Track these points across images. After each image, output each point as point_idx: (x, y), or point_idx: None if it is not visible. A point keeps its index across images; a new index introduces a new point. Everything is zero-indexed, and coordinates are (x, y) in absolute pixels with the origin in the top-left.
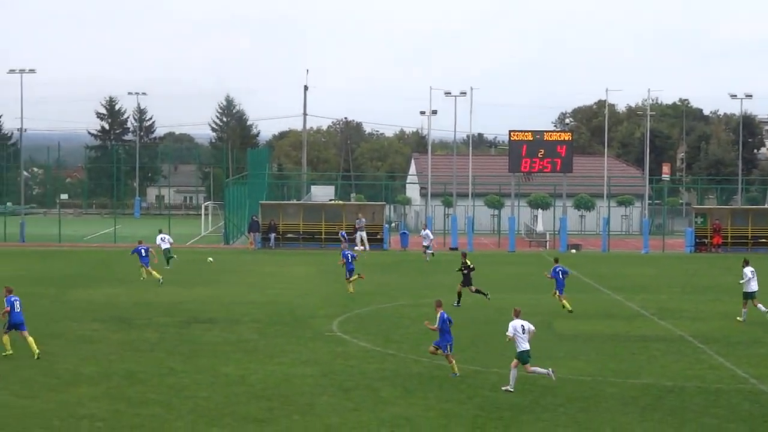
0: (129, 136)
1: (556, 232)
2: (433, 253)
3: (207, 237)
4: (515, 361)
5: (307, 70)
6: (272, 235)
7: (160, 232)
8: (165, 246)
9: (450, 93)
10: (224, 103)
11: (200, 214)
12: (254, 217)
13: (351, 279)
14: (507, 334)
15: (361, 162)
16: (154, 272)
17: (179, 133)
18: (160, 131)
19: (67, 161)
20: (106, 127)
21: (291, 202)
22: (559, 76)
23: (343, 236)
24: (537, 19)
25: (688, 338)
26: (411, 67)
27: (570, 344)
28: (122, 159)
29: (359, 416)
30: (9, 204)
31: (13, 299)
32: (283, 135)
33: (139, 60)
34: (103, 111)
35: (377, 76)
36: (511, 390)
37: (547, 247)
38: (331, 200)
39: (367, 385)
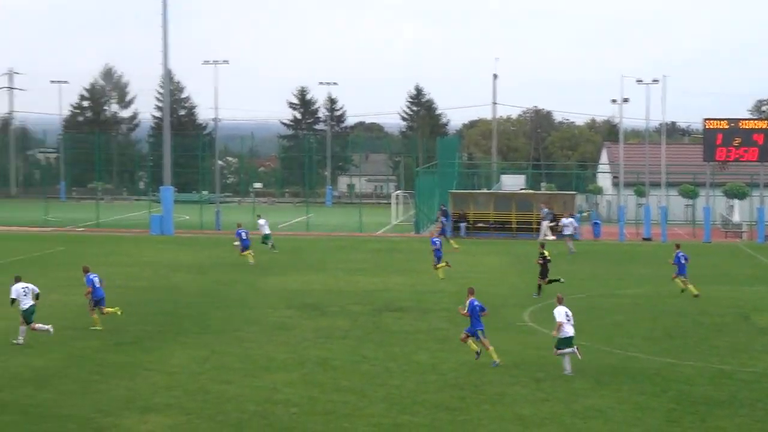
0: (320, 126)
1: (754, 223)
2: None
3: (398, 226)
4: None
5: (497, 59)
6: (462, 224)
7: (259, 217)
8: (266, 231)
9: (642, 81)
10: (414, 92)
11: (391, 203)
12: (443, 207)
13: (438, 266)
14: (558, 320)
15: (552, 151)
16: (249, 255)
17: (369, 122)
18: (350, 120)
19: (260, 150)
20: (298, 116)
21: (481, 191)
22: (755, 62)
23: (443, 222)
24: (731, 5)
25: None
26: (602, 54)
27: None
28: (314, 148)
29: (551, 407)
30: (205, 193)
31: (92, 276)
32: (472, 124)
33: (329, 50)
34: (295, 101)
35: (567, 63)
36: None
37: (744, 238)
38: (521, 189)
39: (559, 376)
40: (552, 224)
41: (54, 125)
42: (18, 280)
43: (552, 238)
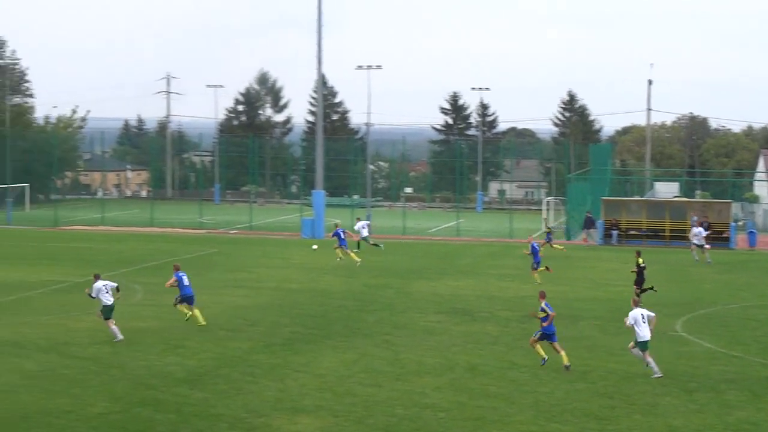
0: (472, 131)
1: None
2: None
3: None
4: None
5: (651, 64)
6: (614, 232)
7: (359, 219)
8: (364, 233)
9: None
10: (566, 98)
11: (541, 210)
12: (588, 214)
13: (538, 270)
14: (626, 323)
15: (707, 158)
16: (352, 254)
17: (521, 128)
18: (502, 126)
19: (412, 155)
20: (450, 122)
21: (634, 198)
22: None
23: (549, 229)
24: None
25: None
26: (759, 59)
27: None
28: (465, 154)
29: (703, 419)
30: (356, 197)
31: (180, 275)
32: (626, 130)
33: (483, 55)
34: (447, 106)
35: (724, 69)
36: (660, 375)
37: None
38: (675, 197)
39: (712, 387)
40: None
41: (209, 129)
42: (97, 278)
43: (707, 246)
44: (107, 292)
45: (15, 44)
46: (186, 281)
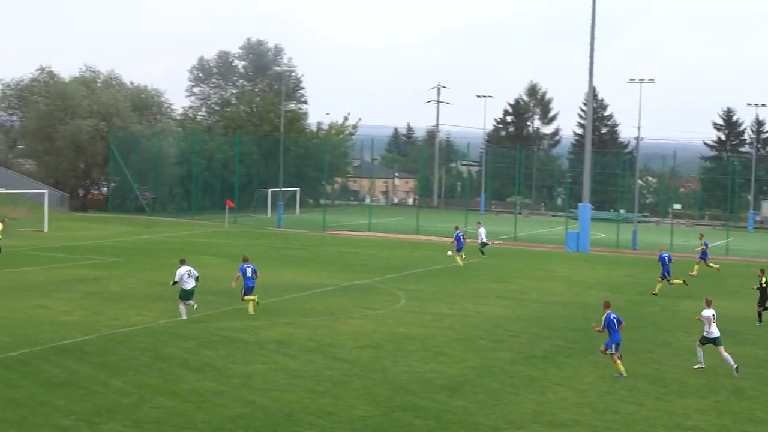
0: (745, 148)
1: None
2: None
3: None
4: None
5: None
6: None
7: (480, 225)
8: (482, 238)
9: None
10: None
11: None
12: None
13: (667, 280)
14: (701, 318)
15: None
16: (458, 258)
17: None
18: None
19: (681, 171)
20: (722, 138)
21: None
22: None
23: (705, 245)
24: None
25: None
26: None
27: None
28: (737, 171)
29: None
30: (622, 211)
31: (245, 266)
32: None
33: (759, 69)
34: (720, 122)
35: None
36: (703, 366)
37: None
38: None
39: None
40: None
41: (477, 138)
42: (183, 263)
43: None
44: (190, 278)
45: (291, 52)
46: (249, 273)
